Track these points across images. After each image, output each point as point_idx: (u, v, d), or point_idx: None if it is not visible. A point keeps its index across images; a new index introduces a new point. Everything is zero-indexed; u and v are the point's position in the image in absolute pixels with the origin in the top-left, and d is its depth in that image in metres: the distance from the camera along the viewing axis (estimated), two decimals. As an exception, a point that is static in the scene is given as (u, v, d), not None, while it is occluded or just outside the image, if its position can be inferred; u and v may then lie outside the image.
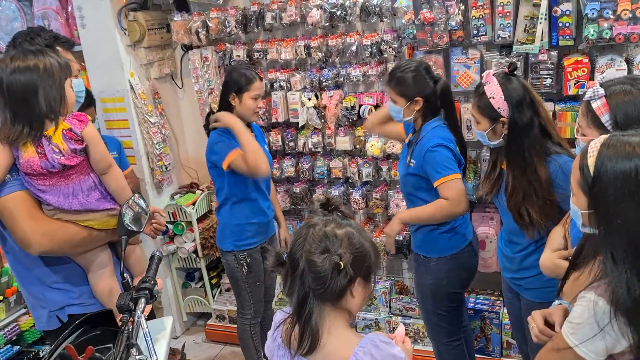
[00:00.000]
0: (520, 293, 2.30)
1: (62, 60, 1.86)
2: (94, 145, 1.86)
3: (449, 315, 2.65)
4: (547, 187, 2.06)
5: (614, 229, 1.26)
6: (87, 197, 1.89)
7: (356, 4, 3.09)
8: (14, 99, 1.77)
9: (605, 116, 1.62)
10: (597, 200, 1.28)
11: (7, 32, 3.87)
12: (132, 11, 3.49)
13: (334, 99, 3.30)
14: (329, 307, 1.37)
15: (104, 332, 1.70)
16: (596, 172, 1.27)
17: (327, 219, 1.42)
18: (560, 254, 1.85)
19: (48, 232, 1.84)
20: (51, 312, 2.01)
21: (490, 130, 2.17)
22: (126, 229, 1.76)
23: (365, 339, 1.35)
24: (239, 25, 3.39)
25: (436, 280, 2.59)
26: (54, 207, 1.86)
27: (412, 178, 2.50)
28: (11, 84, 1.76)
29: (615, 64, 2.62)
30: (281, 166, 3.55)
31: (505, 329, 3.18)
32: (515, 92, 2.09)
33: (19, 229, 1.82)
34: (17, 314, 3.19)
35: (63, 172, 1.84)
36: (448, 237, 2.55)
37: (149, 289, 1.63)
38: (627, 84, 1.63)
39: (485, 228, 3.10)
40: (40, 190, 1.84)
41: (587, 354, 1.32)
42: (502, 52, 2.88)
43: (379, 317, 3.50)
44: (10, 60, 1.78)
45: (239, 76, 2.78)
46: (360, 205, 3.42)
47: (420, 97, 2.44)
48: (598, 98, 1.63)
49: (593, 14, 2.54)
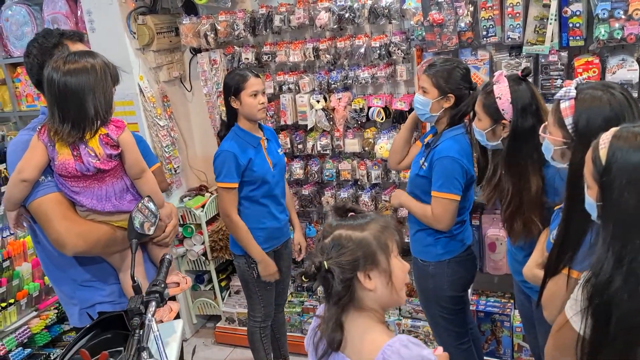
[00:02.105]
0: (530, 295, 2.29)
1: (111, 63, 1.89)
2: (129, 151, 1.88)
3: (455, 318, 2.64)
4: (535, 199, 2.04)
5: (612, 214, 1.28)
6: (120, 199, 1.92)
7: (365, 6, 3.09)
8: (66, 100, 1.79)
9: (569, 119, 1.61)
10: (605, 189, 1.29)
11: (17, 37, 3.90)
12: (141, 15, 3.50)
13: (342, 101, 3.29)
14: (351, 309, 1.40)
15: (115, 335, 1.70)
16: (607, 162, 1.28)
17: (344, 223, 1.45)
18: (537, 263, 1.88)
19: (82, 233, 1.88)
20: (82, 309, 2.06)
21: (490, 130, 2.16)
22: (136, 232, 1.76)
23: (395, 338, 1.36)
24: (247, 28, 3.40)
25: (437, 285, 2.58)
26: (88, 209, 1.89)
27: (422, 180, 2.49)
28: (65, 85, 1.78)
29: (627, 65, 2.60)
30: (290, 168, 3.55)
31: (517, 331, 3.16)
32: (522, 97, 2.08)
33: (53, 230, 1.86)
34: (28, 317, 3.21)
35: (97, 175, 1.86)
36: (444, 242, 2.54)
37: (160, 292, 1.63)
38: (599, 91, 1.61)
39: (495, 230, 3.09)
40: (74, 192, 1.86)
41: (579, 326, 1.33)
42: (511, 53, 2.86)
43: (388, 320, 3.49)
44: (63, 63, 1.80)
45: (233, 78, 2.79)
46: (369, 208, 3.41)
47: (453, 95, 2.41)
48: (567, 99, 1.62)
49: (604, 14, 2.52)
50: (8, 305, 3.06)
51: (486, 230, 3.12)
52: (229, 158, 2.74)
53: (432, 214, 2.44)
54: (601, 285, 1.26)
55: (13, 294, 3.10)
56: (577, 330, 1.33)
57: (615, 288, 1.24)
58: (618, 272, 1.24)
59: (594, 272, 1.29)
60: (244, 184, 2.82)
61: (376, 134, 3.31)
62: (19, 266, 3.16)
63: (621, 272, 1.24)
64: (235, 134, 2.81)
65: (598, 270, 1.27)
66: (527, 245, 2.17)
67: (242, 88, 2.74)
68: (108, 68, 1.87)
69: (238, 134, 2.81)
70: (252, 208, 2.88)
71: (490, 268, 3.14)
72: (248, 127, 2.83)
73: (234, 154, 2.74)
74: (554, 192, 2.04)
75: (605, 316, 1.26)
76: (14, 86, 4.09)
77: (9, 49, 3.96)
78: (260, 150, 2.84)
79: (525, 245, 2.18)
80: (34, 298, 3.24)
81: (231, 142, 2.79)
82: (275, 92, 3.47)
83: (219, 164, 2.78)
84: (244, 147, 2.78)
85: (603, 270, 1.26)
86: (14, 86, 4.09)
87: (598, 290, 1.27)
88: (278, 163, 2.92)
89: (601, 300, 1.26)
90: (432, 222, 2.46)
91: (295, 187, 3.62)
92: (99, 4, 3.39)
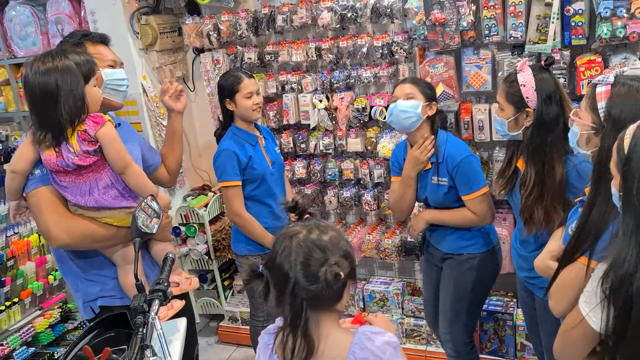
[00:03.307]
0: (534, 292, 2.29)
1: (81, 59, 1.88)
2: (108, 146, 1.90)
3: (476, 313, 2.71)
4: (559, 187, 2.05)
5: (632, 205, 1.26)
6: (103, 195, 1.94)
7: (367, 6, 3.09)
8: (35, 104, 1.82)
9: (602, 103, 1.60)
10: (627, 179, 1.28)
11: (21, 37, 3.91)
12: (144, 15, 3.51)
13: (345, 100, 3.30)
14: (323, 313, 1.37)
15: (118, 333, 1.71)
16: (629, 152, 1.27)
17: (308, 225, 1.40)
18: (552, 254, 1.85)
19: (67, 227, 1.92)
20: (85, 302, 2.10)
21: (512, 120, 2.16)
22: (139, 231, 1.76)
23: (357, 334, 1.36)
24: (250, 28, 3.40)
25: (480, 275, 2.58)
26: (74, 203, 1.94)
27: (449, 192, 2.49)
28: (34, 86, 1.81)
29: (630, 63, 2.59)
30: (293, 168, 3.55)
31: (519, 330, 3.16)
32: (547, 85, 2.09)
33: (42, 221, 1.92)
34: (32, 316, 3.22)
35: (78, 170, 1.90)
36: (483, 230, 2.58)
37: (163, 291, 1.64)
38: (637, 82, 1.59)
39: (499, 229, 3.07)
40: (62, 187, 1.92)
41: (596, 323, 1.32)
42: (514, 52, 2.86)
43: (391, 319, 3.48)
44: (30, 66, 1.83)
45: (227, 80, 2.79)
46: (372, 207, 3.42)
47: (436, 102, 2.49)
48: (604, 84, 1.61)
49: (606, 12, 2.52)
50: (12, 304, 3.07)
51: (489, 229, 3.11)
52: (230, 156, 2.75)
53: (475, 215, 2.45)
54: (625, 276, 1.24)
55: (17, 293, 3.11)
56: (595, 328, 1.32)
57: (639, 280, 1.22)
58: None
59: (615, 263, 1.26)
60: (245, 183, 2.82)
61: (379, 133, 3.31)
62: (23, 265, 3.17)
63: None
64: (233, 134, 2.82)
65: (621, 262, 1.25)
66: (534, 239, 2.17)
67: (237, 90, 2.75)
68: (78, 66, 1.85)
69: (236, 133, 2.82)
70: (254, 207, 2.87)
71: (493, 267, 3.13)
72: (245, 127, 2.84)
73: (235, 152, 2.75)
74: (570, 186, 2.04)
75: (629, 309, 1.24)
76: (18, 86, 4.10)
77: (12, 50, 3.96)
78: (259, 148, 2.85)
79: (533, 239, 2.18)
80: (38, 297, 3.25)
81: (230, 141, 2.79)
82: (277, 91, 3.47)
83: (220, 164, 2.78)
84: (242, 145, 2.79)
85: (627, 261, 1.24)
86: (18, 86, 4.10)
87: (622, 282, 1.24)
88: (276, 161, 2.92)
89: (626, 293, 1.23)
90: (478, 222, 2.49)
91: (297, 186, 3.62)
92: (102, 5, 3.40)
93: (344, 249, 1.37)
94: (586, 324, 1.34)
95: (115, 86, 2.14)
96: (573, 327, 1.39)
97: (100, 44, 2.15)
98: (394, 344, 1.37)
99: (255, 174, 2.81)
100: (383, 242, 3.37)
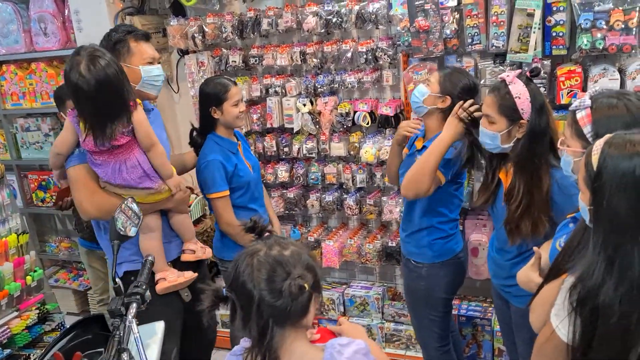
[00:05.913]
0: (509, 300, 2.31)
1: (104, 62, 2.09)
2: (139, 127, 2.17)
3: (441, 321, 2.67)
4: (545, 199, 2.06)
5: (603, 220, 1.29)
6: (130, 174, 2.20)
7: (352, 11, 3.11)
8: (102, 97, 2.08)
9: (588, 127, 1.61)
10: (596, 195, 1.31)
11: (3, 35, 3.88)
12: (129, 15, 3.49)
13: (328, 105, 3.31)
14: (290, 330, 1.35)
15: (95, 336, 1.70)
16: (598, 168, 1.30)
17: (268, 243, 1.39)
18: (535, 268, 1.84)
19: (96, 201, 2.24)
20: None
21: (505, 132, 2.13)
22: (118, 234, 1.76)
23: (327, 349, 1.36)
24: (235, 31, 3.40)
25: (429, 287, 2.60)
26: (104, 180, 2.22)
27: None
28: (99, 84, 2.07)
29: (609, 74, 2.64)
30: (275, 171, 3.56)
31: (497, 335, 3.19)
32: (538, 96, 2.10)
33: (76, 196, 2.28)
34: (8, 317, 3.18)
35: (112, 150, 2.15)
36: (442, 243, 2.56)
37: (141, 294, 1.64)
38: (614, 98, 1.61)
39: (478, 235, 3.12)
40: (95, 164, 2.20)
41: (564, 335, 1.33)
42: (495, 60, 2.90)
43: (371, 323, 3.50)
44: (87, 67, 2.05)
45: (214, 88, 2.71)
46: (354, 211, 3.43)
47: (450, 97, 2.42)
48: (583, 109, 1.63)
49: (587, 24, 2.56)
50: (-12, 305, 3.04)
51: (469, 236, 3.14)
52: (218, 167, 2.68)
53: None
54: (592, 290, 1.26)
55: (-7, 294, 3.08)
56: (564, 340, 1.33)
57: (606, 293, 1.24)
58: (609, 276, 1.25)
59: (583, 276, 1.29)
60: (231, 192, 2.76)
61: (362, 139, 3.33)
62: (0, 266, 3.13)
63: (613, 277, 1.24)
64: (216, 143, 2.75)
65: (589, 275, 1.27)
66: (516, 248, 2.19)
67: (225, 98, 2.69)
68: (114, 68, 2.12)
69: (218, 142, 2.76)
70: (242, 214, 2.77)
71: (473, 273, 3.16)
72: (226, 134, 2.79)
73: (221, 162, 2.69)
74: (552, 200, 2.05)
75: (594, 321, 1.26)
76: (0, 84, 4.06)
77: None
78: (239, 155, 2.82)
79: (515, 248, 2.19)
80: (15, 298, 3.21)
81: (214, 151, 2.73)
82: (261, 95, 3.48)
83: (208, 175, 2.70)
84: (227, 154, 2.74)
85: (594, 275, 1.26)
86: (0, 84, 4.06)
87: (589, 294, 1.26)
88: (254, 165, 2.90)
89: (592, 305, 1.26)
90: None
91: (280, 189, 3.63)
92: (87, 4, 3.39)
93: (307, 262, 1.36)
94: (556, 336, 1.36)
95: (152, 81, 2.36)
96: (546, 341, 1.41)
97: (142, 41, 2.34)
98: (363, 350, 1.37)
99: (241, 181, 2.77)
100: (364, 246, 3.38)
